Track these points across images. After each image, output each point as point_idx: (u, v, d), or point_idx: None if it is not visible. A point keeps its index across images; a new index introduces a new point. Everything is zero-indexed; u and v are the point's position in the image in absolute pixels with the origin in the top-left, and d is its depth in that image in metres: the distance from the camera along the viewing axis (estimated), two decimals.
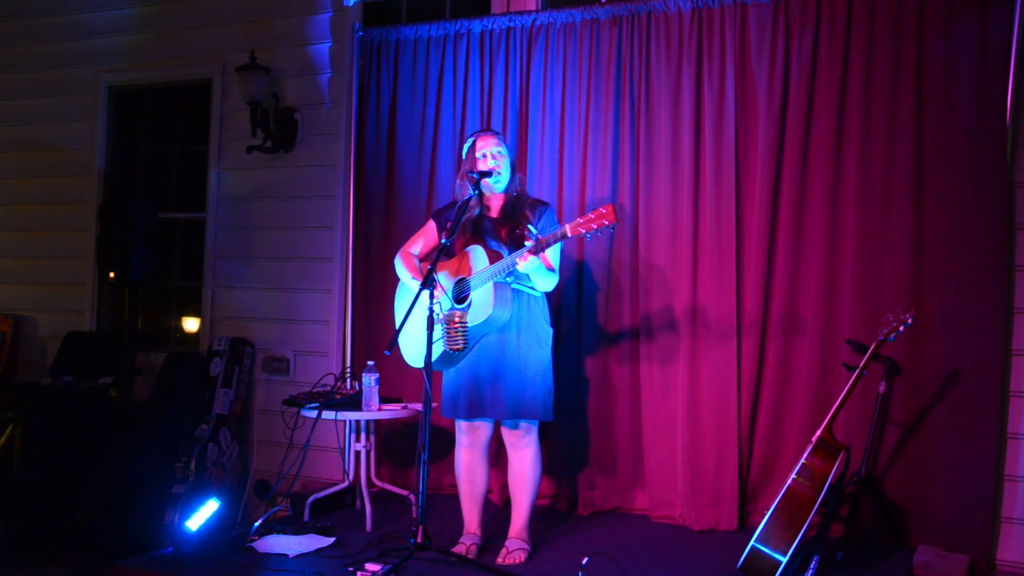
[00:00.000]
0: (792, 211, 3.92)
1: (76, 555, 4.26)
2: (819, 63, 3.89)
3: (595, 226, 3.04)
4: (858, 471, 3.53)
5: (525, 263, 3.15)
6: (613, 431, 4.22)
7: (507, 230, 3.41)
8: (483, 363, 3.39)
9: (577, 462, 4.24)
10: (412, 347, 3.52)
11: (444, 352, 3.35)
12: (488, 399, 3.39)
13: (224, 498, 3.92)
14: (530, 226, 3.28)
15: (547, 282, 3.36)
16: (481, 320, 3.24)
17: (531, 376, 3.37)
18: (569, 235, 3.09)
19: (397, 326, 3.60)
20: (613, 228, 3.05)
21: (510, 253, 3.34)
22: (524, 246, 3.22)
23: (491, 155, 3.45)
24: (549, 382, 3.44)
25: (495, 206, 3.53)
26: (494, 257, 3.30)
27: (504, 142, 3.53)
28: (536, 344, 3.41)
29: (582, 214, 3.11)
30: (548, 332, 3.48)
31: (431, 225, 3.65)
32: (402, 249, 3.66)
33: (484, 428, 3.53)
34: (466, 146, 3.55)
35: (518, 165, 3.58)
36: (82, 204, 5.44)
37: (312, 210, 4.89)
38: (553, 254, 3.30)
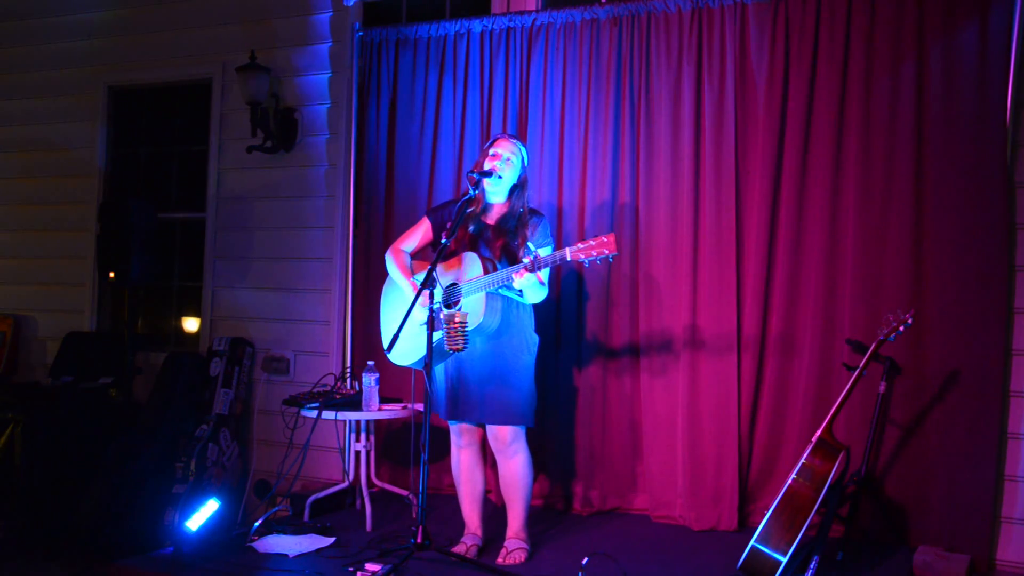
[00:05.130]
0: (792, 211, 3.92)
1: (76, 555, 4.26)
2: (819, 63, 3.89)
3: (595, 253, 3.05)
4: (858, 471, 3.53)
5: (520, 280, 3.15)
6: (613, 431, 4.21)
7: (502, 243, 3.40)
8: (470, 367, 3.40)
9: (577, 462, 4.24)
10: (399, 344, 3.48)
11: (441, 351, 3.36)
12: (475, 403, 3.39)
13: (224, 498, 3.92)
14: (529, 244, 3.28)
15: (538, 295, 3.36)
16: (471, 328, 3.25)
17: (517, 382, 3.38)
18: (568, 259, 3.10)
19: (387, 324, 3.62)
20: (612, 257, 3.06)
21: (502, 264, 3.34)
22: (520, 260, 3.23)
23: (498, 156, 3.44)
24: (533, 388, 3.44)
25: (494, 213, 3.51)
26: (487, 266, 3.30)
27: (519, 151, 3.47)
28: (523, 350, 3.42)
29: (583, 239, 3.11)
30: (535, 339, 3.48)
31: (425, 222, 3.63)
32: (393, 245, 3.65)
33: (477, 428, 3.54)
34: (486, 145, 3.54)
35: (527, 182, 3.50)
36: (82, 204, 5.44)
37: (312, 210, 4.89)
38: (544, 270, 3.28)
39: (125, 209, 4.70)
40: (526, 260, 3.14)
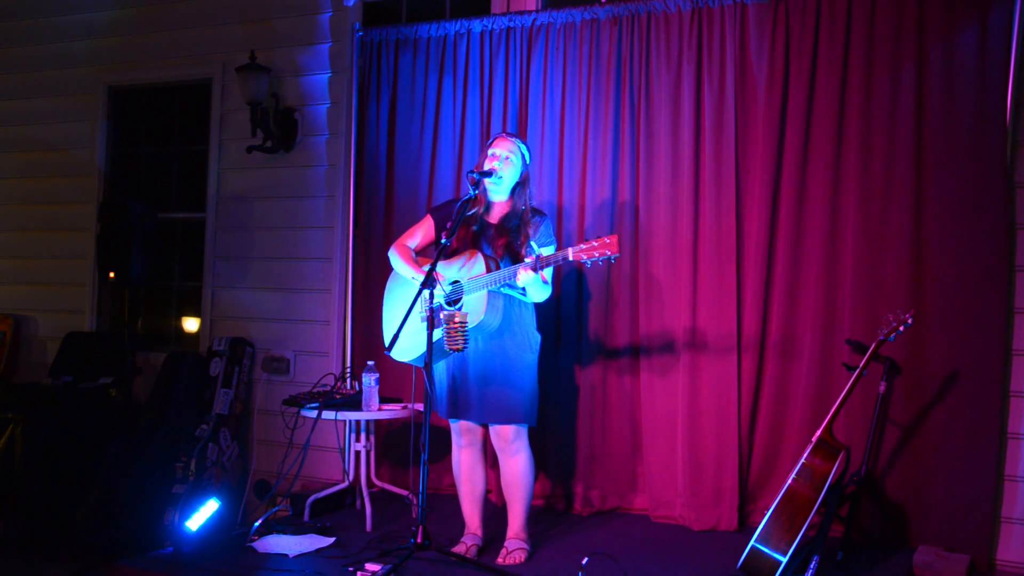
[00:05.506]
0: (792, 211, 3.92)
1: (76, 555, 4.26)
2: (819, 63, 3.89)
3: (597, 254, 3.06)
4: (858, 471, 3.53)
5: (523, 278, 3.16)
6: (612, 431, 4.21)
7: (505, 241, 3.40)
8: (472, 365, 3.39)
9: (576, 462, 4.24)
10: (401, 340, 3.47)
11: (441, 349, 3.36)
12: (476, 401, 3.39)
13: (224, 498, 3.92)
14: (532, 243, 3.28)
15: (541, 294, 3.35)
16: (472, 325, 3.25)
17: (519, 380, 3.38)
18: (571, 259, 3.11)
19: (389, 321, 3.62)
20: (614, 259, 3.07)
21: (505, 262, 3.34)
22: (523, 258, 3.24)
23: (497, 155, 3.44)
24: (535, 387, 3.44)
25: (496, 212, 3.51)
26: (490, 264, 3.30)
27: (520, 150, 3.46)
28: (526, 349, 3.41)
29: (586, 240, 3.12)
30: (537, 338, 3.48)
31: (429, 220, 3.63)
32: (397, 242, 3.65)
33: (479, 428, 3.53)
34: (487, 144, 3.54)
35: (529, 179, 3.50)
36: (82, 204, 5.44)
37: (312, 210, 4.89)
38: (548, 269, 3.28)
39: (125, 209, 4.70)
40: (528, 259, 3.15)
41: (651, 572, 3.33)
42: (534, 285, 3.23)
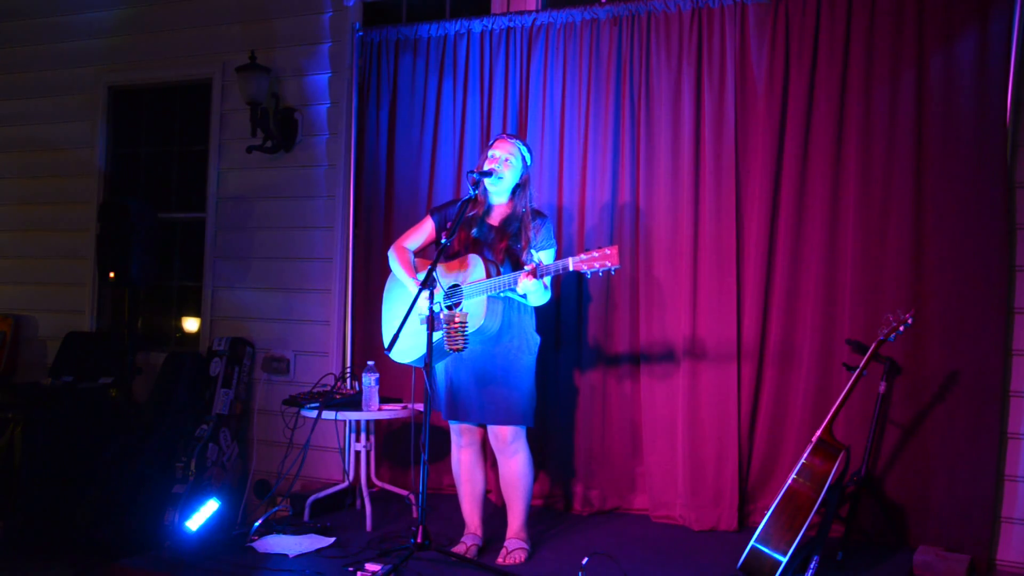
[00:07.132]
0: (792, 211, 3.92)
1: (76, 555, 4.26)
2: (819, 63, 3.89)
3: (597, 265, 3.07)
4: (858, 471, 3.53)
5: (523, 285, 3.16)
6: (613, 431, 4.21)
7: (505, 245, 3.40)
8: (471, 367, 3.40)
9: (577, 462, 4.24)
10: (400, 342, 3.48)
11: (441, 350, 3.36)
12: (475, 403, 3.40)
13: (224, 498, 3.93)
14: (532, 250, 3.29)
15: (541, 299, 3.36)
16: (472, 330, 3.25)
17: (517, 382, 3.38)
18: (571, 269, 3.11)
19: (389, 322, 3.62)
20: (614, 270, 3.07)
21: (505, 267, 3.34)
22: (523, 264, 3.25)
23: (497, 157, 3.43)
24: (533, 388, 3.44)
25: (497, 214, 3.50)
26: (490, 269, 3.30)
27: (520, 151, 3.45)
28: (524, 351, 3.42)
29: (587, 250, 3.12)
30: (536, 340, 3.48)
31: (429, 221, 3.62)
32: (396, 243, 3.64)
33: (478, 428, 3.54)
34: (488, 146, 3.54)
35: (529, 181, 3.49)
36: (82, 204, 5.44)
37: (312, 210, 4.89)
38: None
39: (125, 209, 4.70)
40: (528, 268, 3.15)
41: (651, 572, 3.33)
42: (534, 291, 3.23)
